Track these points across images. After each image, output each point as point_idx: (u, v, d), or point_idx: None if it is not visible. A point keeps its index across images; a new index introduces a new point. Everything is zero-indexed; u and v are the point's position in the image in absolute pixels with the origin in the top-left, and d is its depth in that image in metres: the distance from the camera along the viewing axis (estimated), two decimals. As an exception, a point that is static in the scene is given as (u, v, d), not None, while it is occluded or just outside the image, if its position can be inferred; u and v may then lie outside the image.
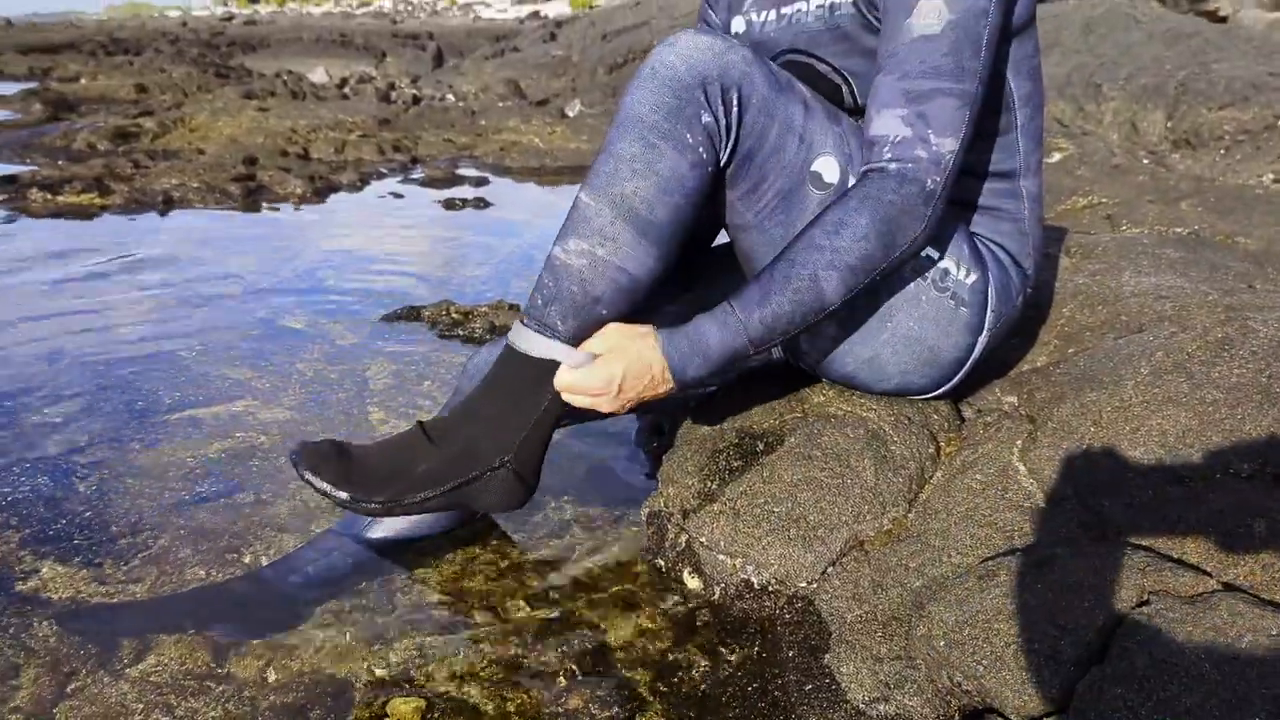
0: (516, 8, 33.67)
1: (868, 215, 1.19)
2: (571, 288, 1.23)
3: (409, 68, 13.30)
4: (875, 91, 1.25)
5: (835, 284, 1.19)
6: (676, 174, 1.22)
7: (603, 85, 9.45)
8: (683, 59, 1.21)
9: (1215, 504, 1.23)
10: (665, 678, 1.22)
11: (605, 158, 1.24)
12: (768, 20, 1.48)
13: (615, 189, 1.22)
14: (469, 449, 1.28)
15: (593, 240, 1.23)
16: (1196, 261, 1.97)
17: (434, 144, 5.73)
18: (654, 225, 1.23)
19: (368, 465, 1.26)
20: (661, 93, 1.21)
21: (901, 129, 1.21)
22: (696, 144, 1.22)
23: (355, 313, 2.64)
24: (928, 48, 1.21)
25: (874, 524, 1.34)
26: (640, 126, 1.21)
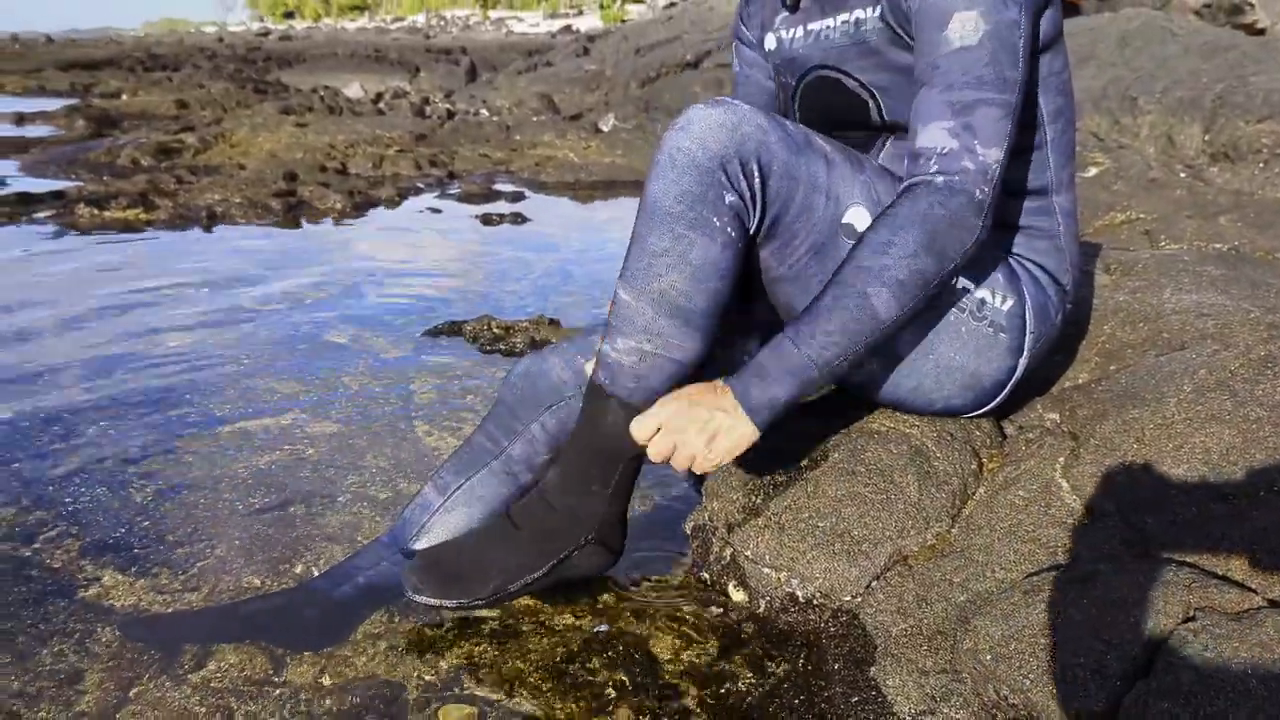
0: (548, 22, 33.94)
1: (915, 232, 1.20)
2: (628, 384, 1.27)
3: (443, 82, 13.46)
4: (919, 105, 1.26)
5: (886, 300, 1.19)
6: (709, 260, 1.23)
7: (635, 99, 9.51)
8: (698, 142, 1.21)
9: (1259, 521, 1.24)
10: (711, 689, 1.24)
11: (638, 252, 1.25)
12: (796, 37, 1.50)
13: (652, 285, 1.24)
14: (554, 533, 1.34)
15: (639, 338, 1.25)
16: (1237, 279, 1.97)
17: (470, 159, 5.80)
18: (695, 313, 1.25)
19: (466, 565, 1.33)
20: (682, 181, 1.21)
21: (948, 141, 1.22)
22: (724, 225, 1.23)
23: (397, 327, 2.69)
24: (969, 59, 1.23)
25: (918, 539, 1.35)
26: (667, 219, 1.22)
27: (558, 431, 1.50)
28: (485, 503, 1.50)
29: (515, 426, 1.51)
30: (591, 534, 1.35)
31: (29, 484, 1.75)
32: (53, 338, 2.55)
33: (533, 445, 1.50)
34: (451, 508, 1.49)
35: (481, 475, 1.50)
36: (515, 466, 1.51)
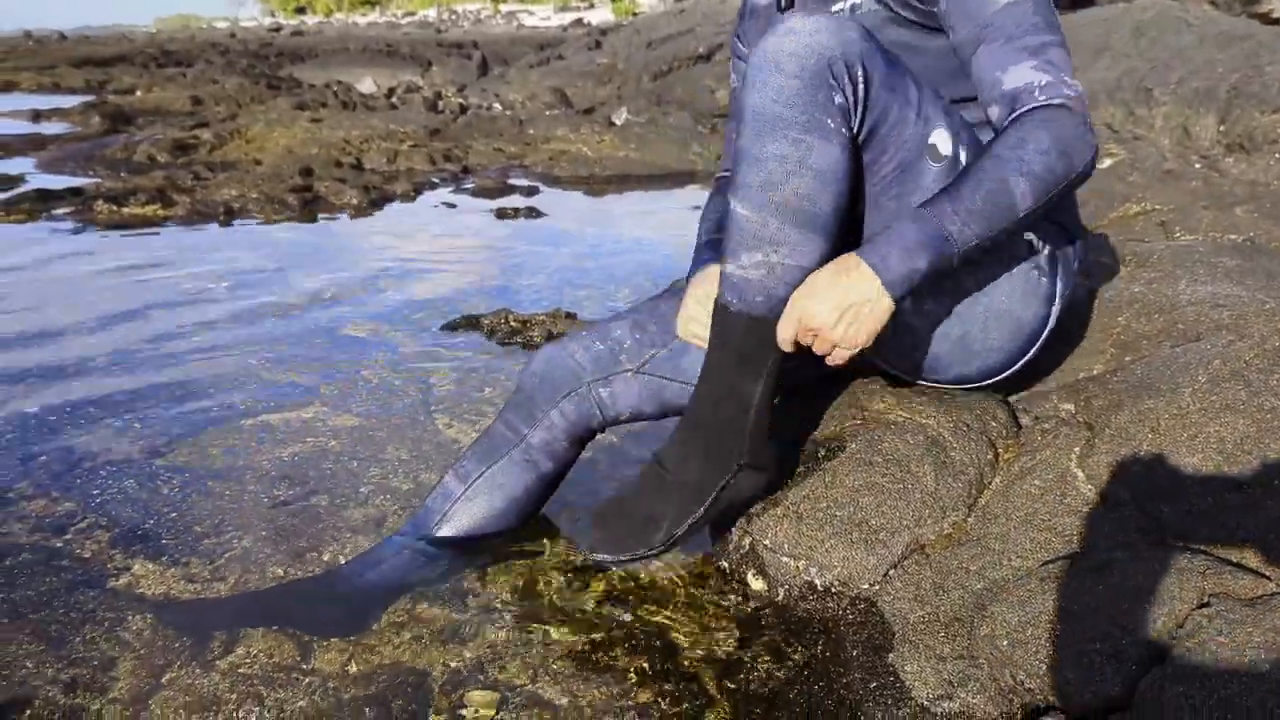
0: (560, 15, 33.92)
1: (1047, 132, 1.22)
2: (756, 299, 1.26)
3: (455, 77, 13.48)
4: (987, 59, 1.29)
5: (1025, 190, 1.21)
6: (830, 162, 1.21)
7: (648, 92, 9.52)
8: (803, 45, 1.19)
9: (1274, 510, 1.25)
10: (731, 675, 1.26)
11: (752, 165, 1.22)
12: None
13: (774, 195, 1.21)
14: (704, 468, 1.34)
15: (765, 250, 1.23)
16: (1253, 270, 1.98)
17: (484, 153, 5.83)
18: (819, 217, 1.23)
19: (632, 520, 1.35)
20: (792, 85, 1.19)
21: (1039, 75, 1.26)
22: (838, 126, 1.21)
23: (415, 321, 2.72)
24: (1019, 12, 1.28)
25: (934, 528, 1.37)
26: (779, 125, 1.20)
27: (577, 418, 1.53)
28: (506, 490, 1.52)
29: (535, 414, 1.53)
30: (742, 459, 1.34)
31: (58, 476, 1.78)
32: (76, 333, 2.58)
33: (552, 432, 1.53)
34: (473, 496, 1.52)
35: (502, 463, 1.52)
36: (535, 454, 1.53)
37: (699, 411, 1.34)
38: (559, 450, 1.54)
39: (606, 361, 1.52)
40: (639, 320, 1.55)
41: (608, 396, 1.52)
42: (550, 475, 1.56)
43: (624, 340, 1.53)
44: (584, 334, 1.57)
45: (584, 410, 1.53)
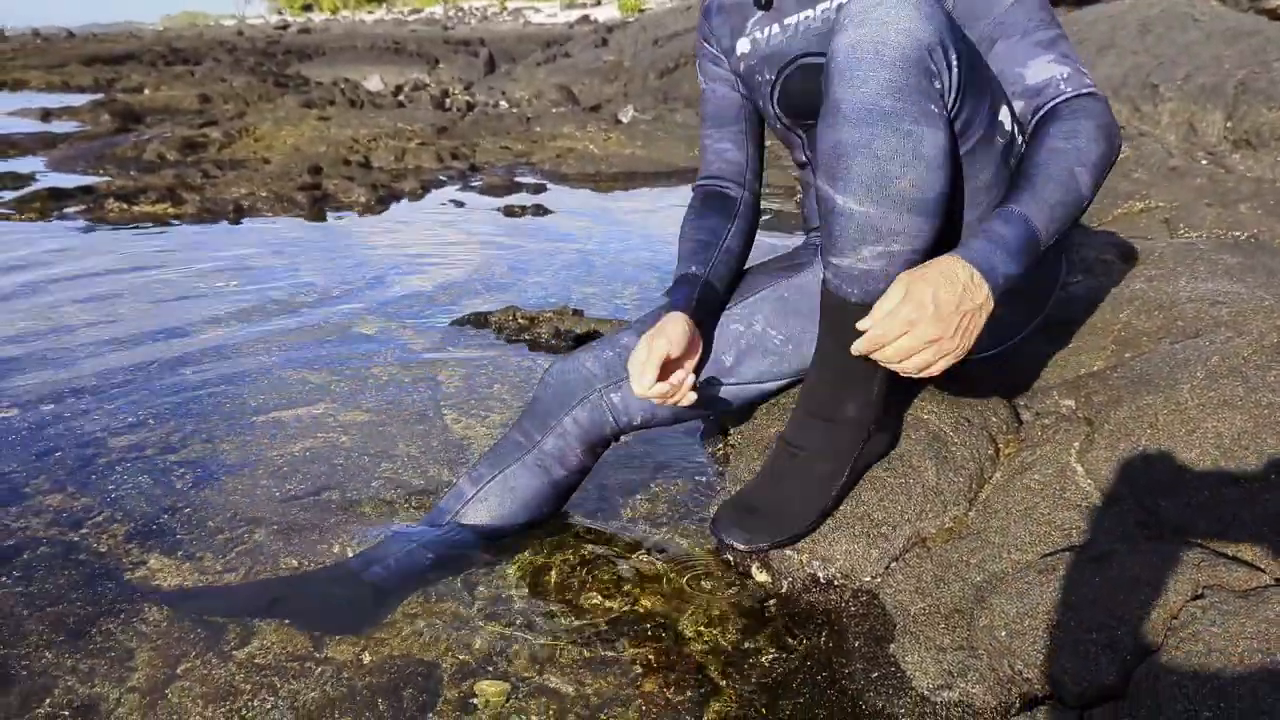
0: (566, 12, 33.91)
1: (1090, 121, 1.28)
2: (878, 286, 1.25)
3: (461, 74, 13.51)
4: (1009, 52, 1.34)
5: (1087, 180, 1.26)
6: (939, 148, 1.20)
7: (654, 90, 9.53)
8: (903, 33, 1.16)
9: (1271, 505, 1.27)
10: (736, 665, 1.28)
11: (862, 159, 1.20)
12: (772, 34, 1.53)
13: (890, 189, 1.20)
14: (838, 441, 1.39)
15: (885, 242, 1.23)
16: (1253, 267, 1.99)
17: (491, 151, 5.85)
18: (934, 201, 1.22)
19: (780, 504, 1.41)
20: (895, 77, 1.16)
21: (1059, 68, 1.32)
22: (940, 111, 1.20)
23: (424, 318, 2.74)
24: (1024, 9, 1.34)
25: (935, 522, 1.40)
26: (889, 119, 1.17)
27: (590, 425, 1.55)
28: (517, 493, 1.55)
29: (548, 422, 1.56)
30: (871, 424, 1.40)
31: (73, 472, 1.81)
32: (89, 331, 2.62)
33: (565, 439, 1.55)
34: (485, 497, 1.54)
35: (514, 468, 1.55)
36: (547, 460, 1.56)
37: (821, 394, 1.38)
38: (571, 457, 1.56)
39: (617, 368, 1.55)
40: (645, 327, 1.58)
41: (619, 402, 1.55)
42: (562, 481, 1.58)
43: (632, 347, 1.55)
44: (594, 345, 1.60)
45: (596, 417, 1.55)
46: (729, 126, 1.67)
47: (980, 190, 1.35)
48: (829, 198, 1.24)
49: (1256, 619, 1.00)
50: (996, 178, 1.35)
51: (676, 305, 1.50)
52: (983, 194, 1.35)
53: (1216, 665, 0.96)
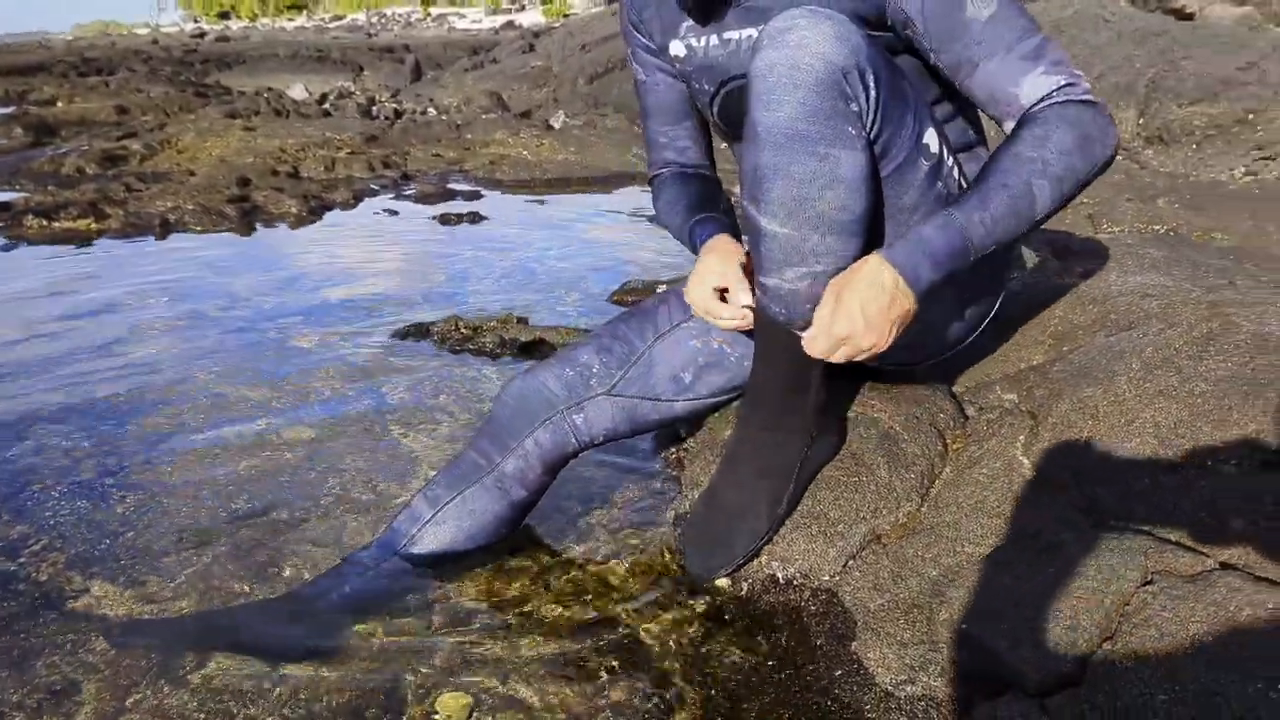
0: (491, 18, 33.73)
1: (1068, 131, 1.23)
2: (805, 306, 1.27)
3: (388, 81, 13.35)
4: (993, 76, 1.28)
5: (1046, 194, 1.23)
6: (857, 170, 1.21)
7: (584, 95, 9.53)
8: (817, 56, 1.16)
9: (1207, 491, 1.32)
10: (700, 669, 1.29)
11: (780, 182, 1.21)
12: (711, 45, 1.47)
13: (809, 211, 1.21)
14: (779, 451, 1.41)
15: (808, 263, 1.25)
16: (1178, 260, 2.06)
17: (423, 159, 5.80)
18: (857, 220, 1.24)
19: (729, 524, 1.42)
20: (808, 101, 1.17)
21: (1053, 79, 1.26)
22: (858, 133, 1.20)
23: (364, 330, 2.71)
24: (1003, 21, 1.27)
25: (890, 518, 1.42)
26: (805, 142, 1.18)
27: (552, 445, 1.54)
28: (477, 516, 1.53)
29: (508, 443, 1.54)
30: (812, 431, 1.42)
31: (6, 499, 1.75)
32: (16, 352, 2.53)
33: (526, 460, 1.54)
34: (443, 520, 1.52)
35: (474, 489, 1.53)
36: (508, 482, 1.54)
37: (759, 409, 1.39)
38: (532, 478, 1.55)
39: (578, 387, 1.54)
40: (603, 344, 1.57)
41: (582, 422, 1.54)
42: (521, 503, 1.57)
43: (591, 365, 1.55)
44: (552, 363, 1.58)
45: (559, 438, 1.54)
46: (684, 121, 1.64)
47: (904, 211, 1.35)
48: (753, 218, 1.26)
49: (1205, 602, 1.04)
50: (922, 199, 1.36)
51: (712, 231, 1.50)
52: (907, 215, 1.36)
53: (1169, 649, 0.99)
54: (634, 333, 1.58)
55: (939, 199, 1.38)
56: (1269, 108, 6.21)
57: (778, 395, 1.38)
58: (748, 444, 1.41)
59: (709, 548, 1.42)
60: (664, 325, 1.58)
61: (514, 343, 2.50)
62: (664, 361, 1.56)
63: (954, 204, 1.25)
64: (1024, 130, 1.26)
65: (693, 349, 1.56)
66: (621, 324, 1.60)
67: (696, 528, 1.45)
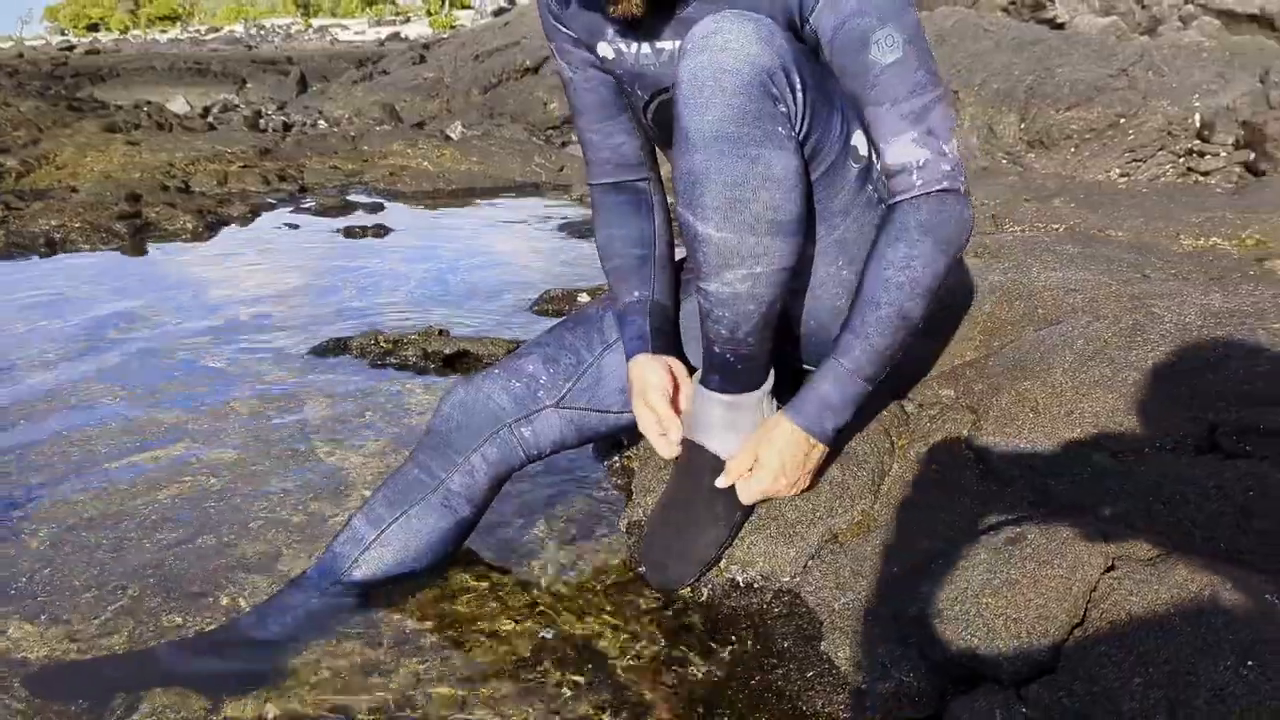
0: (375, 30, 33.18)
1: (930, 242, 1.26)
2: (748, 307, 1.27)
3: (273, 94, 13.03)
4: (875, 122, 1.28)
5: (919, 306, 1.28)
6: (789, 170, 1.21)
7: (479, 106, 9.45)
8: (742, 58, 1.16)
9: (1147, 475, 1.36)
10: (665, 678, 1.27)
11: (714, 186, 1.20)
12: (643, 53, 1.41)
13: (744, 213, 1.21)
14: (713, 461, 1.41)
15: (747, 265, 1.24)
16: (1093, 256, 2.13)
17: (320, 171, 5.65)
18: (792, 219, 1.24)
19: (686, 537, 1.41)
20: (736, 103, 1.16)
21: (918, 153, 1.26)
22: (788, 133, 1.21)
23: (279, 348, 2.61)
24: (902, 71, 1.25)
25: (845, 517, 1.42)
26: (735, 145, 1.18)
27: (499, 459, 1.49)
28: (422, 536, 1.47)
29: (453, 458, 1.49)
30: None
31: (-97, 539, 1.63)
32: (-104, 382, 2.36)
33: (473, 476, 1.49)
34: (387, 541, 1.46)
35: (418, 508, 1.47)
36: (454, 499, 1.49)
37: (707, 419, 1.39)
38: (478, 494, 1.50)
39: (526, 400, 1.50)
40: (549, 353, 1.53)
41: (530, 435, 1.50)
42: (467, 519, 1.52)
43: (539, 376, 1.51)
44: (496, 374, 1.53)
45: (506, 452, 1.50)
46: (617, 117, 1.56)
47: (836, 214, 1.36)
48: (689, 224, 1.25)
49: (1168, 584, 1.06)
50: (853, 202, 1.37)
51: (636, 348, 1.48)
52: (839, 217, 1.37)
53: (1140, 633, 1.01)
54: (580, 342, 1.55)
55: (869, 203, 1.39)
56: (1139, 112, 6.52)
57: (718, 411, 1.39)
58: (701, 456, 1.39)
59: (669, 557, 1.40)
60: (610, 335, 1.56)
61: (437, 355, 2.44)
62: (612, 374, 1.53)
63: (837, 351, 1.31)
64: (888, 246, 1.28)
65: None
66: (566, 333, 1.57)
67: (655, 537, 1.43)
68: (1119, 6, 7.90)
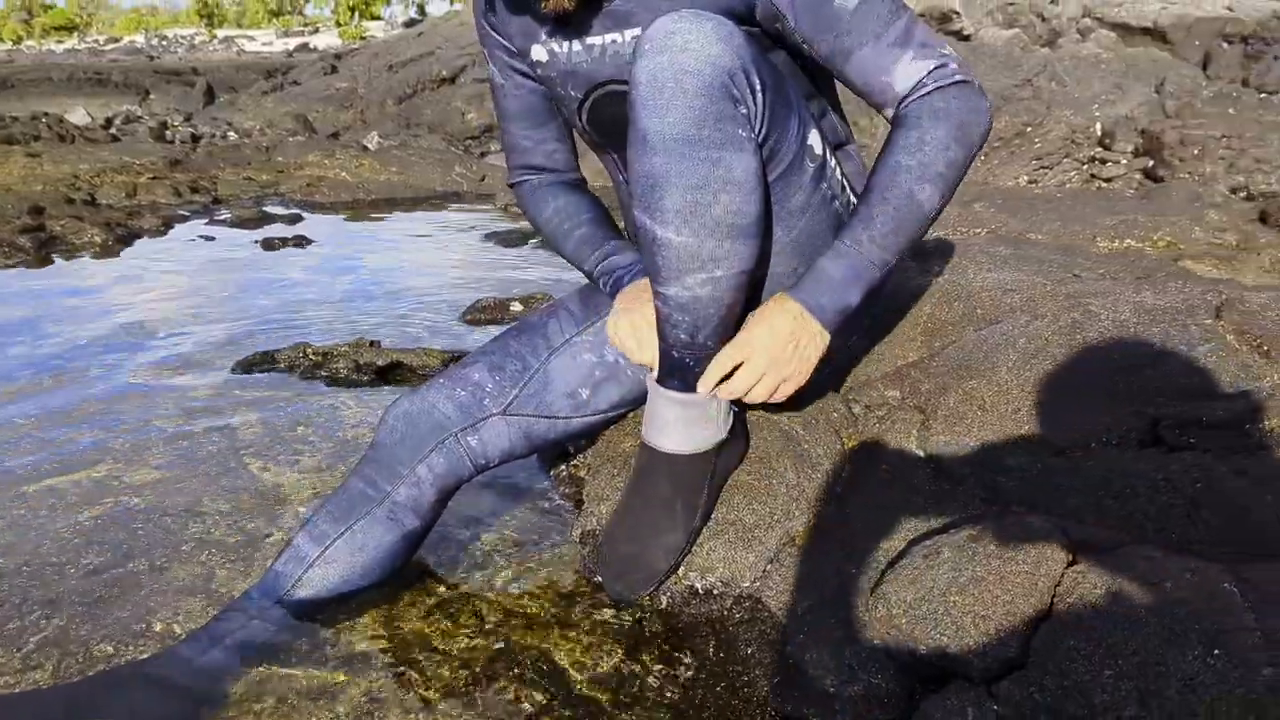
0: (283, 40, 32.54)
1: (943, 125, 1.25)
2: (709, 311, 1.24)
3: (179, 105, 12.65)
4: (866, 65, 1.28)
5: (929, 192, 1.26)
6: (750, 172, 1.19)
7: (394, 116, 9.32)
8: (703, 59, 1.14)
9: (1094, 470, 1.38)
10: (626, 690, 1.24)
11: (674, 189, 1.18)
12: (575, 51, 1.42)
13: (705, 216, 1.18)
14: (691, 463, 1.37)
15: (707, 268, 1.21)
16: (1024, 257, 2.17)
17: (235, 183, 5.49)
18: (752, 221, 1.22)
19: (643, 545, 1.37)
20: (696, 105, 1.14)
21: (924, 64, 1.27)
22: (747, 134, 1.19)
23: (202, 362, 2.51)
24: (870, 7, 1.27)
25: (802, 520, 1.41)
26: (695, 147, 1.16)
27: (446, 470, 1.45)
28: (368, 551, 1.42)
29: (398, 470, 1.44)
30: (724, 438, 1.39)
31: None
32: None
33: (420, 488, 1.44)
34: (331, 558, 1.41)
35: (363, 523, 1.42)
36: (400, 512, 1.44)
37: (663, 419, 1.35)
38: (425, 506, 1.45)
39: (472, 409, 1.46)
40: (494, 361, 1.50)
41: (477, 444, 1.46)
42: (415, 533, 1.47)
43: (484, 384, 1.47)
44: (440, 383, 1.48)
45: (453, 462, 1.45)
46: (549, 124, 1.58)
47: (794, 214, 1.36)
48: (647, 228, 1.22)
49: (1129, 575, 1.07)
50: (809, 201, 1.37)
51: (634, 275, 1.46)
52: (796, 218, 1.36)
53: (1107, 625, 1.02)
54: (526, 349, 1.51)
55: (824, 200, 1.39)
56: (1044, 121, 6.72)
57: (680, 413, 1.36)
58: (659, 458, 1.37)
59: (627, 567, 1.37)
60: (556, 340, 1.52)
61: (369, 367, 2.38)
62: (560, 378, 1.50)
63: (844, 230, 1.28)
64: (899, 134, 1.28)
65: (588, 364, 1.51)
66: (511, 340, 1.53)
67: (612, 547, 1.40)
68: (1021, 20, 8.12)
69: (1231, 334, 1.62)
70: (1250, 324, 1.63)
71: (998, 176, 6.19)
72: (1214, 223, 3.50)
